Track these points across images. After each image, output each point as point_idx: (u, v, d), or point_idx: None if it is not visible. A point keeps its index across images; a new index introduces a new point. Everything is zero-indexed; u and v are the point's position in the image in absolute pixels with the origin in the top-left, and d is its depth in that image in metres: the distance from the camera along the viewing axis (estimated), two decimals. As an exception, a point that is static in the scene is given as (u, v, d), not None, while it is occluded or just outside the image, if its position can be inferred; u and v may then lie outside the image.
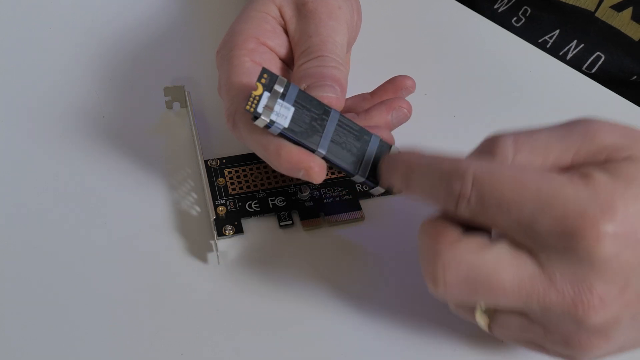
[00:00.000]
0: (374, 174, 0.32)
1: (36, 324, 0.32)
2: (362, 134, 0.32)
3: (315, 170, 0.31)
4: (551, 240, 0.25)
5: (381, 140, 0.33)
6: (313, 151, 0.31)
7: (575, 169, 0.26)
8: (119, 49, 0.46)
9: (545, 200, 0.25)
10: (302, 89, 0.32)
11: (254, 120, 0.31)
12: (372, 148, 0.32)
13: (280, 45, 0.36)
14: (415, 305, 0.33)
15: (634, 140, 0.27)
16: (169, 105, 0.42)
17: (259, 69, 0.31)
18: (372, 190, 0.33)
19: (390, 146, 0.33)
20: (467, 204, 0.26)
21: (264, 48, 0.35)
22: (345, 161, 0.32)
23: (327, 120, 0.32)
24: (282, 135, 0.31)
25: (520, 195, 0.25)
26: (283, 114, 0.31)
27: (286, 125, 0.31)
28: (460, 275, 0.26)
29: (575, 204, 0.25)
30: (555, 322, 0.26)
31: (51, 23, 0.48)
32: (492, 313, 0.28)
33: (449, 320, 0.33)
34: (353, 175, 0.32)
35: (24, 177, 0.38)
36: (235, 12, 0.37)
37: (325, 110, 0.32)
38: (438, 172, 0.27)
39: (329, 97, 0.32)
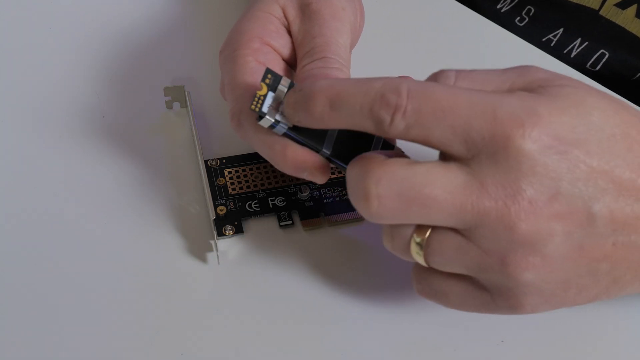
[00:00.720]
0: None
1: (35, 324, 0.32)
2: (366, 134, 0.32)
3: (319, 171, 0.31)
4: (482, 144, 0.25)
5: (385, 140, 0.33)
6: (318, 151, 0.31)
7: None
8: (119, 49, 0.46)
9: (477, 106, 0.26)
10: None
11: (259, 120, 0.31)
12: (376, 148, 0.32)
13: (283, 45, 0.36)
14: (416, 305, 0.33)
15: (564, 77, 0.28)
16: (169, 105, 0.42)
17: (263, 69, 0.31)
18: None
19: (394, 146, 0.33)
20: (403, 115, 0.26)
21: (267, 48, 0.35)
22: (349, 161, 0.32)
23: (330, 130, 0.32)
24: (287, 135, 0.31)
25: (454, 102, 0.26)
26: None
27: (291, 125, 0.31)
28: (393, 188, 0.26)
29: (504, 109, 0.25)
30: (490, 236, 0.26)
31: (51, 23, 0.48)
32: (426, 240, 0.28)
33: (449, 320, 0.33)
34: None
35: (23, 177, 0.38)
36: (236, 12, 0.37)
37: None
38: (370, 90, 0.27)
39: None
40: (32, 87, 0.43)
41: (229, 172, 0.38)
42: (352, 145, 0.32)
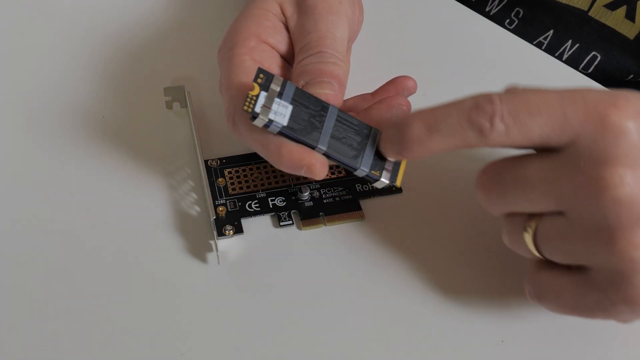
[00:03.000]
0: (375, 168, 0.32)
1: (35, 324, 0.32)
2: (362, 128, 0.32)
3: (316, 167, 0.31)
4: (580, 128, 0.26)
5: (381, 133, 0.33)
6: (313, 148, 0.31)
7: None
8: (119, 49, 0.46)
9: (567, 97, 0.27)
10: (301, 86, 0.32)
11: (253, 120, 0.31)
12: (373, 141, 0.32)
13: (281, 42, 0.36)
14: (415, 305, 0.33)
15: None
16: (169, 105, 0.42)
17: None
18: (375, 184, 0.33)
19: None
20: (501, 118, 0.27)
21: (264, 46, 0.35)
22: (346, 156, 0.32)
23: (325, 117, 0.32)
24: (282, 133, 0.31)
25: (545, 99, 0.27)
26: (281, 113, 0.31)
27: (285, 123, 0.31)
28: (491, 174, 0.29)
29: (593, 96, 0.27)
30: (593, 214, 0.26)
31: (51, 23, 0.48)
32: (535, 228, 0.28)
33: (449, 320, 0.33)
34: (355, 170, 0.32)
35: (23, 177, 0.38)
36: (236, 11, 0.37)
37: (323, 107, 0.32)
38: (463, 105, 0.28)
39: (327, 94, 0.32)
40: (32, 87, 0.43)
41: (229, 172, 0.38)
42: (347, 140, 0.32)
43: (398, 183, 0.33)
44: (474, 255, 0.35)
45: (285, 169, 0.32)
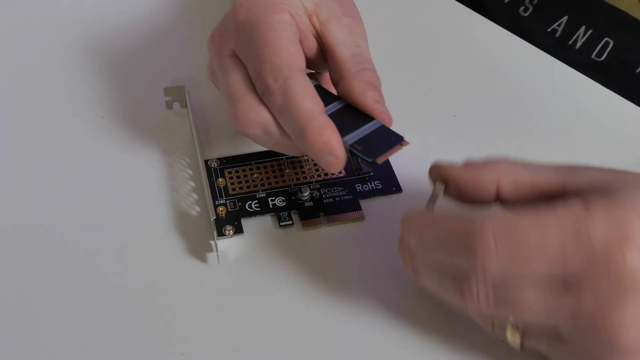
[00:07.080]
0: (361, 143, 0.32)
1: (35, 325, 0.32)
2: (365, 117, 0.33)
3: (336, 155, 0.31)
4: (582, 270, 0.25)
5: (383, 126, 0.33)
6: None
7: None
8: (119, 49, 0.46)
9: (569, 232, 0.25)
10: (369, 98, 0.33)
11: None
12: (371, 126, 0.33)
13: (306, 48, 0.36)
14: (415, 305, 0.33)
15: (617, 174, 0.28)
16: (169, 105, 0.42)
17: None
18: (360, 161, 0.34)
19: (402, 138, 0.33)
20: (497, 261, 0.26)
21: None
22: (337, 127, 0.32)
23: (332, 104, 0.33)
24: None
25: (545, 236, 0.25)
26: None
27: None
28: (488, 288, 0.27)
29: (597, 228, 0.25)
30: (586, 343, 0.26)
31: (51, 23, 0.48)
32: (523, 328, 0.28)
33: (449, 321, 0.33)
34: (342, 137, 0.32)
35: (23, 177, 0.38)
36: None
37: (333, 97, 0.34)
38: (452, 239, 0.27)
39: (387, 113, 0.33)
40: (32, 87, 0.43)
41: (229, 172, 0.38)
42: (344, 120, 0.33)
43: (379, 161, 0.32)
44: (474, 255, 0.35)
45: (311, 149, 0.32)
